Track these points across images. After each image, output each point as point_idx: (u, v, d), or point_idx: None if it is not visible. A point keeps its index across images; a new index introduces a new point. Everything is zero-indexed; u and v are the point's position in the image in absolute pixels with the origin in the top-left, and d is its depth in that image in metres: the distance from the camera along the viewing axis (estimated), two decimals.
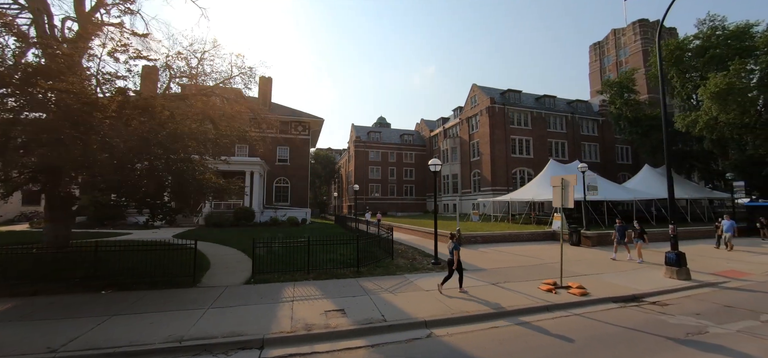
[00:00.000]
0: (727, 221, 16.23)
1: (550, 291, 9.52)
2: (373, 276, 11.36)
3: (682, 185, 30.66)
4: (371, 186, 58.55)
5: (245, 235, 21.13)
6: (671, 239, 11.28)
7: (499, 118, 41.97)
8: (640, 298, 9.17)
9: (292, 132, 35.15)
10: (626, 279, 10.86)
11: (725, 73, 23.13)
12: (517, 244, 19.00)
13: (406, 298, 8.87)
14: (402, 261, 14.04)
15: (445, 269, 12.74)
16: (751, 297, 8.98)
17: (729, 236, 15.96)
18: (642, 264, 13.16)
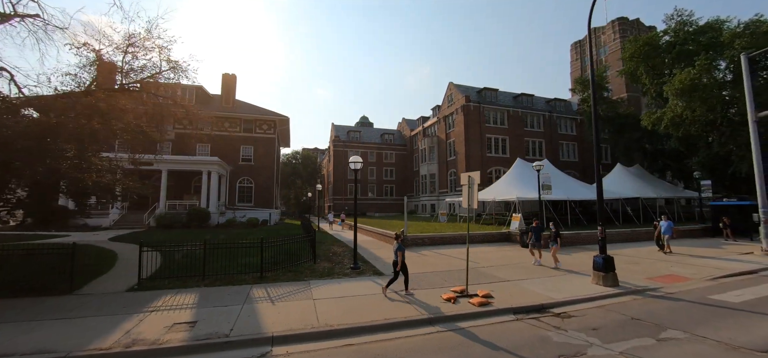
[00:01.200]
0: (665, 222, 15.24)
1: (451, 300, 8.61)
2: (275, 283, 10.45)
3: (653, 184, 30.00)
4: (350, 186, 57.45)
5: (190, 237, 19.87)
6: (599, 241, 10.35)
7: (475, 116, 41.13)
8: (546, 308, 8.23)
9: (257, 131, 34.03)
10: (546, 286, 9.92)
11: (690, 69, 22.42)
12: (470, 246, 18.02)
13: (284, 308, 8.05)
14: (324, 265, 13.09)
15: (364, 273, 11.89)
16: (669, 307, 8.06)
17: (666, 237, 14.98)
18: (557, 269, 12.10)
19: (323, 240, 21.20)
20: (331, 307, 8.07)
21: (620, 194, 26.64)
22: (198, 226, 25.97)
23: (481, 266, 12.88)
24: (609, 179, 31.48)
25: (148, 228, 25.66)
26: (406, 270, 9.23)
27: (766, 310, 7.63)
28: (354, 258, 12.65)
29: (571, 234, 18.16)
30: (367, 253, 16.44)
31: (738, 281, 10.61)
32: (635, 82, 29.33)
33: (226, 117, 33.38)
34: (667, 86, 22.94)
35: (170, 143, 32.29)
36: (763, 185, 16.12)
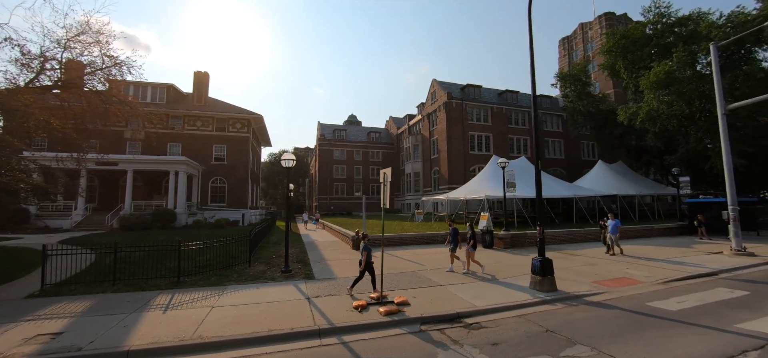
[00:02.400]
0: (612, 221, 14.12)
1: (359, 308, 7.85)
2: (190, 288, 9.78)
3: (634, 182, 29.25)
4: (336, 186, 56.66)
5: (148, 239, 18.94)
6: (538, 242, 9.54)
7: (457, 113, 40.31)
8: (461, 317, 7.46)
9: (230, 130, 33.19)
10: (475, 292, 9.10)
11: (666, 62, 21.63)
12: (428, 246, 17.27)
13: (173, 317, 7.46)
14: (258, 269, 12.33)
15: (293, 278, 11.10)
16: (595, 317, 7.27)
17: (614, 237, 13.93)
18: (467, 275, 10.99)
19: (280, 241, 20.38)
20: (225, 316, 7.40)
21: (597, 192, 25.88)
22: (161, 227, 25.13)
23: (424, 269, 12.10)
24: (589, 176, 30.79)
25: (109, 230, 24.83)
26: (372, 270, 9.04)
27: (699, 320, 6.83)
28: (285, 261, 11.92)
29: (518, 234, 17.32)
30: (318, 254, 15.66)
31: (689, 285, 9.82)
32: (615, 76, 28.51)
33: (199, 116, 32.54)
34: (643, 79, 22.13)
35: (140, 143, 31.49)
36: (733, 180, 15.34)
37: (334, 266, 13.10)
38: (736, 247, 14.58)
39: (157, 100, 32.49)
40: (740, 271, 11.59)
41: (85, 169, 26.85)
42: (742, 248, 14.51)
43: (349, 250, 16.83)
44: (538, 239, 9.57)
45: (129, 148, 31.20)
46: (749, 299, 8.24)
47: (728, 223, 15.32)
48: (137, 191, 30.36)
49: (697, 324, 6.60)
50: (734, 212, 15.05)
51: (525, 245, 16.90)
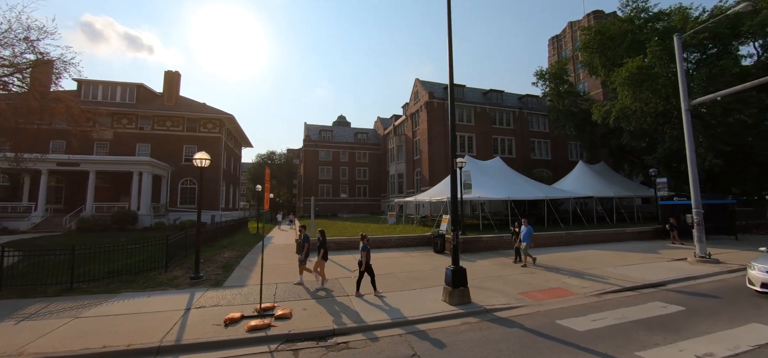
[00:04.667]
0: (525, 227, 12.50)
1: (228, 322, 7.03)
2: (79, 296, 9.24)
3: (614, 183, 28.17)
4: (321, 187, 55.76)
5: (93, 241, 18.00)
6: (452, 250, 8.57)
7: (439, 113, 39.31)
8: (340, 334, 6.62)
9: (201, 130, 32.39)
10: (378, 304, 8.15)
11: (640, 58, 20.61)
12: (379, 251, 16.28)
13: (19, 329, 6.90)
14: (172, 275, 11.60)
15: (199, 285, 10.25)
16: (483, 338, 6.31)
17: (525, 245, 12.46)
18: (321, 290, 9.62)
19: (235, 244, 19.51)
20: (77, 329, 6.87)
21: (573, 193, 24.79)
22: (119, 229, 24.29)
23: (346, 277, 11.17)
24: (570, 177, 29.70)
25: (66, 232, 24.00)
26: (371, 270, 9.08)
27: (600, 344, 5.86)
28: (195, 267, 10.97)
29: (472, 238, 16.29)
30: (254, 259, 14.70)
31: (624, 298, 8.82)
32: (594, 74, 27.44)
33: (169, 116, 31.77)
34: (614, 75, 21.09)
35: (108, 143, 30.78)
36: (697, 181, 14.31)
37: (258, 273, 12.17)
38: (700, 253, 13.55)
39: (126, 100, 31.76)
40: (692, 281, 10.56)
41: (46, 170, 26.34)
42: (706, 254, 13.47)
43: (293, 254, 15.87)
44: (452, 244, 8.60)
45: (96, 148, 30.45)
46: (680, 317, 7.23)
47: (692, 227, 14.25)
48: (104, 192, 29.63)
49: (592, 351, 5.63)
50: (698, 216, 14.01)
51: (479, 250, 15.93)
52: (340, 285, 10.10)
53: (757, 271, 8.58)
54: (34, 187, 27.06)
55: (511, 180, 24.91)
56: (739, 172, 22.15)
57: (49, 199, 28.28)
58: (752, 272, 8.71)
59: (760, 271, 8.49)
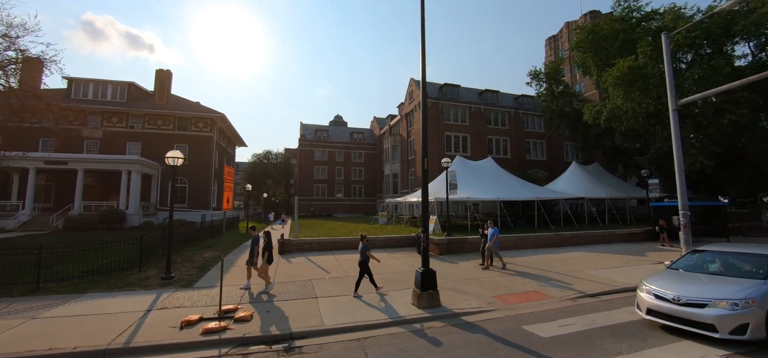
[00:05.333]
0: (491, 228, 12.15)
1: (184, 324, 6.85)
2: (43, 295, 9.09)
3: (607, 184, 27.95)
4: (317, 187, 55.55)
5: (76, 240, 17.83)
6: (421, 251, 8.35)
7: (433, 113, 39.04)
8: (297, 337, 6.52)
9: (192, 129, 32.17)
10: (345, 307, 7.93)
11: (631, 58, 20.37)
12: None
13: None
14: (145, 275, 11.42)
15: (167, 286, 10.04)
16: (443, 345, 6.05)
17: (493, 248, 12.08)
18: (270, 291, 9.35)
19: (219, 244, 19.28)
20: (31, 330, 6.72)
21: (564, 194, 24.56)
22: (107, 228, 24.08)
23: (321, 279, 10.94)
24: (563, 178, 29.48)
25: (53, 230, 23.81)
26: (369, 271, 9.14)
27: (562, 352, 5.61)
28: (167, 267, 10.75)
29: (456, 239, 16.03)
30: (234, 259, 14.47)
31: (599, 302, 8.60)
32: (587, 74, 27.19)
33: (160, 114, 31.56)
34: (605, 75, 20.85)
35: (98, 142, 30.59)
36: (684, 182, 13.97)
37: (236, 273, 11.96)
38: None
39: (117, 99, 31.56)
40: None
41: (35, 169, 26.16)
42: None
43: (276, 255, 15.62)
44: (421, 247, 8.37)
45: (86, 147, 30.27)
46: (652, 323, 6.96)
47: (679, 229, 13.97)
48: (94, 191, 29.45)
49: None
50: (685, 217, 13.68)
51: (463, 251, 15.68)
52: (312, 286, 9.88)
53: (645, 293, 6.60)
54: (22, 185, 26.88)
55: (502, 181, 24.68)
56: (732, 173, 21.88)
57: (38, 197, 28.12)
58: (640, 294, 6.74)
59: (649, 293, 6.51)
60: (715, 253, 7.48)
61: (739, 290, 5.81)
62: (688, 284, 6.50)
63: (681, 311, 5.93)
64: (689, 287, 6.30)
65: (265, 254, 9.50)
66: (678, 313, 5.97)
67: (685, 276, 6.94)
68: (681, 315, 5.93)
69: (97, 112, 30.53)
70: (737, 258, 7.01)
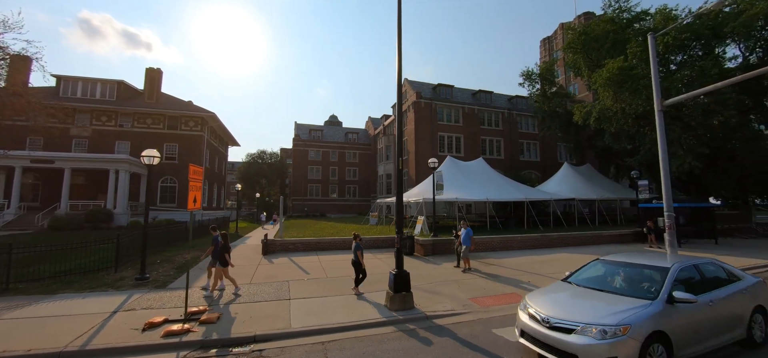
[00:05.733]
0: (464, 230, 11.91)
1: (147, 327, 6.71)
2: (12, 296, 8.91)
3: (598, 185, 27.98)
4: (310, 187, 55.34)
5: (62, 240, 17.56)
6: (396, 254, 8.21)
7: (426, 113, 38.97)
8: (261, 340, 6.37)
9: (183, 128, 31.91)
10: (316, 309, 7.77)
11: (620, 58, 20.31)
12: (344, 252, 15.86)
13: None
14: (120, 275, 11.26)
15: (141, 287, 9.89)
16: (405, 349, 5.91)
17: (465, 248, 11.75)
18: (211, 293, 9.25)
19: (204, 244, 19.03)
20: None
21: (554, 195, 24.49)
22: (93, 228, 23.80)
23: (299, 279, 10.79)
24: (555, 179, 29.43)
25: (38, 230, 23.49)
26: (362, 269, 9.15)
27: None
28: (141, 268, 10.57)
29: (442, 240, 15.85)
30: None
31: None
32: (578, 75, 27.14)
33: (149, 113, 31.28)
34: (595, 76, 20.79)
35: (87, 140, 30.29)
36: (669, 184, 13.93)
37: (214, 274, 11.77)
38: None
39: (106, 97, 31.27)
40: None
41: (21, 167, 25.84)
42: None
43: (258, 255, 15.42)
44: (396, 248, 8.22)
45: (75, 145, 29.96)
46: None
47: (664, 230, 13.90)
48: (81, 190, 29.14)
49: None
50: (670, 219, 13.59)
51: (449, 253, 15.47)
52: (288, 288, 9.72)
53: (523, 310, 5.52)
54: (9, 184, 26.54)
55: (493, 181, 24.59)
56: (721, 174, 21.87)
57: (25, 197, 27.81)
58: (519, 312, 5.63)
59: (525, 311, 5.44)
60: (618, 264, 6.14)
61: (612, 313, 4.63)
62: (567, 301, 5.32)
63: (548, 336, 4.78)
64: (563, 306, 5.12)
65: (222, 256, 9.25)
66: (545, 338, 4.82)
67: (572, 292, 5.67)
68: (548, 341, 4.79)
69: (85, 111, 30.22)
70: (635, 271, 5.81)
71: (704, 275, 5.65)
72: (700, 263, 5.84)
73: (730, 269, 6.11)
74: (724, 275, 5.89)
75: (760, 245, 18.75)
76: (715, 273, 5.86)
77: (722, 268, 6.02)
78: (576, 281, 6.13)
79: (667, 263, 5.57)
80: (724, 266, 6.06)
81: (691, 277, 5.49)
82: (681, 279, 5.26)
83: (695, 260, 5.86)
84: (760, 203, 31.26)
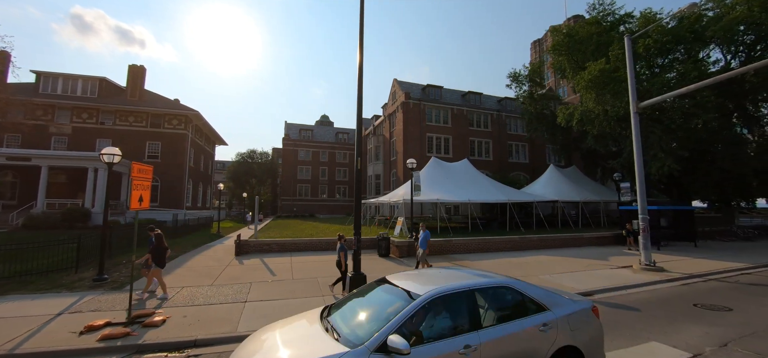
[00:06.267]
0: (423, 232, 11.52)
1: (86, 330, 6.49)
2: None
3: (583, 187, 28.01)
4: (300, 187, 54.97)
5: (24, 239, 17.09)
6: (353, 256, 8.00)
7: (415, 114, 38.84)
8: (201, 345, 6.18)
9: (166, 126, 31.44)
10: (268, 312, 7.53)
11: (602, 61, 20.31)
12: (322, 253, 15.64)
13: None
14: (80, 275, 10.88)
15: (99, 287, 9.59)
16: None
17: (421, 252, 11.42)
18: (167, 298, 8.68)
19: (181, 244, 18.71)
20: None
21: (538, 197, 24.46)
22: (68, 227, 23.27)
23: (263, 282, 10.50)
24: (540, 181, 29.43)
25: (12, 229, 22.93)
26: (345, 271, 8.92)
27: None
28: (99, 268, 10.28)
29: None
30: (185, 259, 13.96)
31: None
32: (563, 77, 27.18)
33: (132, 111, 30.78)
34: (577, 78, 20.78)
35: (67, 138, 29.74)
36: (644, 186, 13.94)
37: (182, 274, 11.52)
38: (645, 261, 13.14)
39: (87, 94, 30.73)
40: (624, 291, 10.09)
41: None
42: (651, 262, 13.06)
43: (231, 256, 15.12)
44: (353, 249, 8.03)
45: (54, 143, 29.40)
46: None
47: (638, 233, 13.87)
48: (60, 189, 28.60)
49: None
50: (644, 222, 13.62)
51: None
52: (248, 290, 9.47)
53: None
54: None
55: (476, 182, 24.49)
56: (703, 177, 21.96)
57: (3, 195, 27.31)
58: None
59: None
60: (390, 288, 4.44)
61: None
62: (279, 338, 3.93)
63: None
64: (269, 345, 3.82)
65: (158, 256, 8.91)
66: None
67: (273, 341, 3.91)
68: None
69: (66, 108, 29.67)
70: (389, 298, 4.21)
71: (477, 305, 4.01)
72: (480, 286, 4.19)
73: (532, 295, 4.35)
74: (513, 302, 4.25)
75: (738, 247, 18.83)
76: (501, 301, 4.27)
77: (521, 293, 4.30)
78: (340, 309, 4.38)
79: (421, 289, 3.97)
80: (523, 292, 4.33)
81: (454, 309, 3.93)
82: (436, 313, 3.85)
83: (475, 283, 4.23)
84: (745, 205, 31.49)
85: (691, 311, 7.98)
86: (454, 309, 3.95)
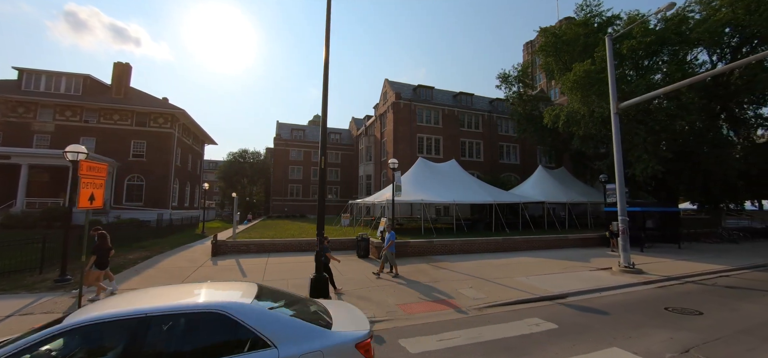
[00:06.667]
0: (388, 234, 11.38)
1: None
2: None
3: (571, 188, 27.94)
4: (291, 187, 54.60)
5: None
6: (315, 258, 7.76)
7: (405, 114, 38.65)
8: None
9: (152, 125, 31.02)
10: None
11: (587, 62, 20.21)
12: (302, 254, 15.40)
13: None
14: (42, 276, 10.55)
15: (59, 289, 9.30)
16: None
17: (390, 253, 11.20)
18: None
19: (160, 244, 18.38)
20: None
21: (525, 198, 24.36)
22: (47, 226, 22.83)
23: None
24: (528, 182, 29.34)
25: None
26: (330, 272, 9.05)
27: None
28: (61, 270, 9.99)
29: (399, 242, 15.31)
30: (161, 258, 13.66)
31: (504, 313, 8.12)
32: (551, 78, 27.12)
33: (116, 109, 30.34)
34: (563, 79, 20.69)
35: (49, 136, 29.26)
36: (622, 187, 13.87)
37: (152, 274, 11.25)
38: (624, 262, 13.02)
39: (71, 92, 30.24)
40: (597, 294, 9.91)
41: None
42: (630, 264, 12.94)
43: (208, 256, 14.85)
44: (315, 252, 7.77)
45: (36, 141, 28.91)
46: (542, 337, 6.51)
47: (618, 235, 13.76)
48: (42, 188, 28.12)
49: None
50: (623, 223, 13.54)
51: (405, 255, 15.12)
52: None
53: None
54: None
55: (462, 183, 24.33)
56: (688, 179, 21.95)
57: None
58: None
59: None
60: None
61: None
62: None
63: None
64: None
65: (91, 258, 8.48)
66: None
67: None
68: None
69: (49, 105, 29.20)
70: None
71: (152, 340, 2.92)
72: (164, 312, 3.08)
73: (253, 325, 3.09)
74: (220, 334, 3.06)
75: (722, 249, 18.78)
76: (197, 333, 3.09)
77: (237, 323, 3.08)
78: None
79: (73, 318, 3.08)
80: (241, 321, 3.09)
81: (112, 345, 2.91)
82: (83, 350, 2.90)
83: (161, 308, 3.12)
84: (733, 207, 31.59)
85: (661, 315, 7.82)
86: (111, 345, 2.89)
